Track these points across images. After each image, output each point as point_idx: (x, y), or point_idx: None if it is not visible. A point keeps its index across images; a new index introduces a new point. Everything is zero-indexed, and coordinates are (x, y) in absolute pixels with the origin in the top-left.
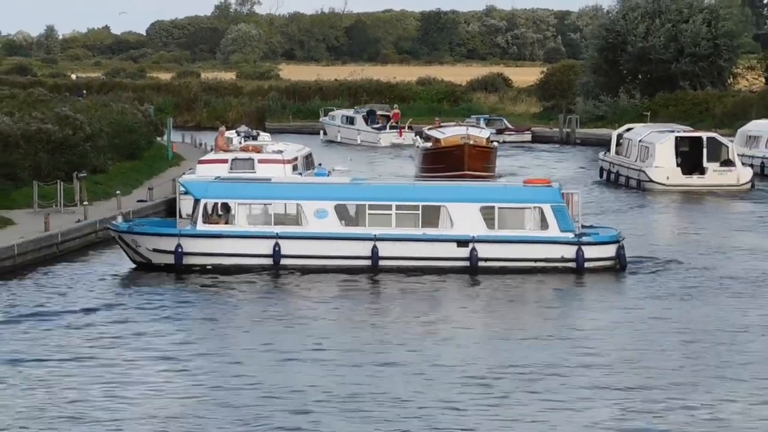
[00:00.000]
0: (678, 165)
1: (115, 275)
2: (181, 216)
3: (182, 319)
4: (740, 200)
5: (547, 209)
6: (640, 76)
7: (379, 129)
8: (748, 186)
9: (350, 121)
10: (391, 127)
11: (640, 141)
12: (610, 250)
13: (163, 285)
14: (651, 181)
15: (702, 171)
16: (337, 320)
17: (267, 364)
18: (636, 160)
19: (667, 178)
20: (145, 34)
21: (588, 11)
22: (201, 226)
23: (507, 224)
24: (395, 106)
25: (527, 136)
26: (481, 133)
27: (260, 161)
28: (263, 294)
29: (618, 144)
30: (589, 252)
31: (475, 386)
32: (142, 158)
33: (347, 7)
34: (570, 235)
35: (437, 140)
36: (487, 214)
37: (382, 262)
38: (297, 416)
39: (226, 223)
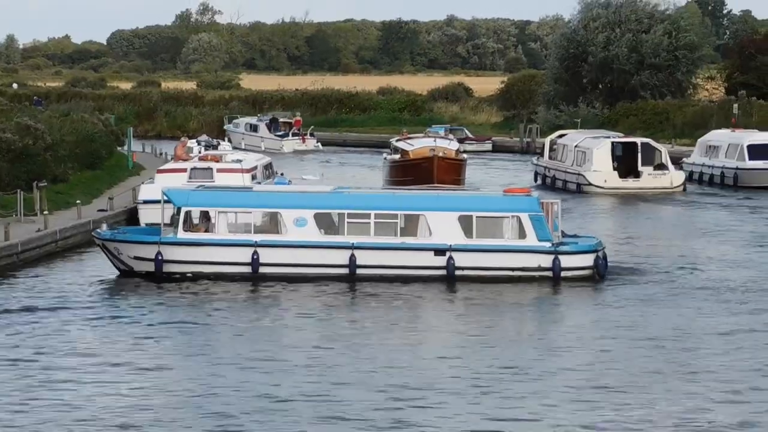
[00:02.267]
0: (614, 169)
1: (81, 284)
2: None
3: (144, 324)
4: (686, 204)
5: (525, 218)
6: (600, 86)
7: (281, 136)
8: (681, 188)
9: (254, 128)
10: (294, 134)
11: (576, 146)
12: (587, 260)
13: (133, 293)
14: (590, 184)
15: (637, 174)
16: (307, 328)
17: (234, 372)
18: (572, 165)
19: (605, 181)
20: (105, 44)
21: (548, 21)
22: (181, 234)
23: (485, 233)
24: (297, 113)
25: (488, 146)
26: (450, 144)
27: (219, 170)
28: (233, 303)
29: (551, 149)
30: (566, 261)
31: (447, 392)
32: (103, 168)
33: (308, 16)
34: (547, 245)
35: (405, 152)
36: (466, 223)
37: (359, 271)
38: (268, 422)
39: (206, 231)
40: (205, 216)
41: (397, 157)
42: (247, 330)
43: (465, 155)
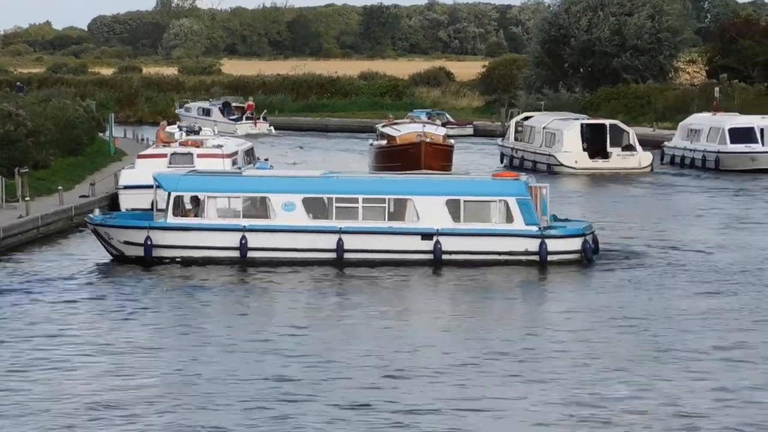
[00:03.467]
0: (584, 150)
1: (64, 269)
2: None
3: (129, 309)
4: (657, 185)
5: (512, 202)
6: (582, 70)
7: (235, 120)
8: (649, 169)
9: (206, 112)
10: (247, 118)
11: (544, 128)
12: (574, 243)
13: (119, 278)
14: (561, 164)
15: (606, 155)
16: (293, 311)
17: (220, 354)
18: (541, 146)
19: (575, 162)
20: (86, 30)
21: (530, 5)
22: (171, 219)
23: (472, 217)
24: (249, 98)
25: (469, 130)
26: (437, 130)
27: (199, 156)
28: (218, 287)
29: (517, 131)
30: (553, 245)
31: (434, 376)
32: (84, 154)
33: (289, 1)
34: (534, 229)
35: (392, 138)
36: (453, 208)
37: (347, 255)
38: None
39: (196, 216)
40: (195, 201)
41: (384, 142)
42: (233, 314)
43: (452, 141)
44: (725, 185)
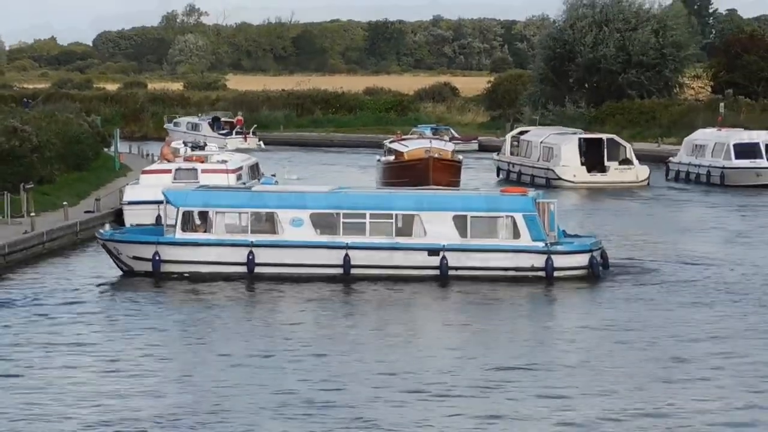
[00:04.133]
0: (582, 164)
1: (70, 284)
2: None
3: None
4: (655, 199)
5: (519, 218)
6: (587, 86)
7: (225, 135)
8: (646, 183)
9: (195, 127)
10: (237, 133)
11: (541, 142)
12: (581, 259)
13: (126, 293)
14: (559, 178)
15: (603, 169)
16: (300, 325)
17: (223, 372)
18: (539, 160)
19: (574, 176)
20: (91, 45)
21: (535, 21)
22: (179, 234)
23: (479, 233)
24: (239, 113)
25: (474, 146)
26: (445, 146)
27: (204, 171)
28: (221, 301)
29: (513, 146)
30: (560, 261)
31: (435, 392)
32: (90, 169)
33: (294, 17)
34: (541, 244)
35: (400, 153)
36: (460, 223)
37: (354, 271)
38: (262, 417)
39: (205, 231)
40: (204, 216)
41: (391, 158)
42: (237, 328)
43: (461, 156)
44: (729, 200)
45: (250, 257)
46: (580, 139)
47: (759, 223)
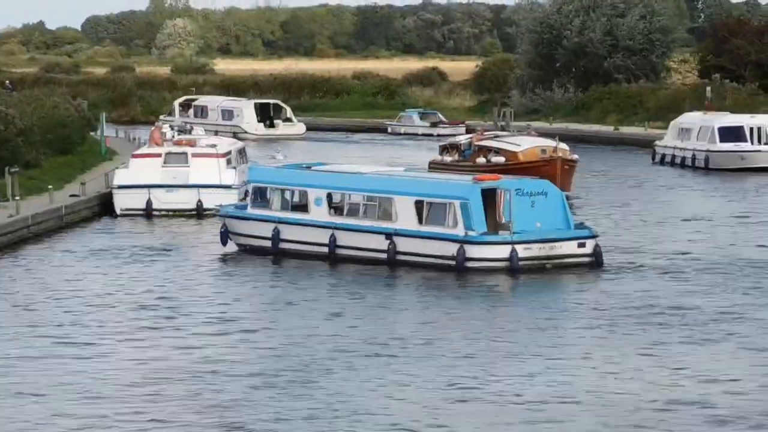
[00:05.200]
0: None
1: (56, 266)
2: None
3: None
4: (645, 182)
5: (457, 205)
6: (574, 70)
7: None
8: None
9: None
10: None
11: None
12: (499, 251)
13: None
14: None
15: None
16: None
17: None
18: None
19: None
20: (80, 29)
21: (524, 5)
22: (250, 210)
23: (433, 220)
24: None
25: (461, 130)
26: (559, 144)
27: (194, 155)
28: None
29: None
30: (472, 251)
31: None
32: (76, 153)
33: (283, 1)
34: (471, 233)
35: (513, 154)
36: (419, 209)
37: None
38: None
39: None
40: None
41: (501, 159)
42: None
43: (576, 156)
44: (711, 183)
45: (275, 233)
46: (255, 103)
47: (742, 206)
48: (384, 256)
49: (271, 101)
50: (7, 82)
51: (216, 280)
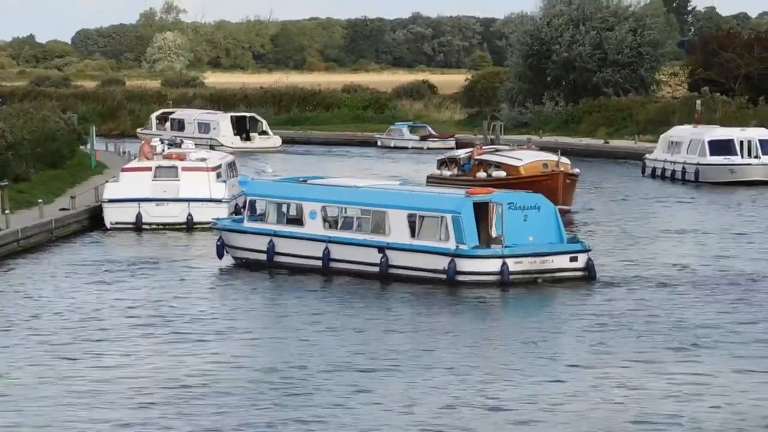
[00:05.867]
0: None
1: (46, 280)
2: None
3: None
4: (633, 196)
5: (448, 219)
6: (564, 83)
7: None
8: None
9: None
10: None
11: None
12: (489, 265)
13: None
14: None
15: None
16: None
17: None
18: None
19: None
20: (70, 43)
21: (514, 18)
22: (246, 223)
23: (424, 233)
24: None
25: (451, 143)
26: (561, 158)
27: (184, 169)
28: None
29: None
30: (463, 264)
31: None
32: (65, 167)
33: (273, 15)
34: (456, 247)
35: (514, 168)
36: (412, 222)
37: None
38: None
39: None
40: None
41: (503, 174)
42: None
43: (578, 170)
44: (701, 196)
45: (270, 246)
46: (231, 116)
47: (731, 219)
48: (377, 269)
49: (248, 114)
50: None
51: (210, 294)
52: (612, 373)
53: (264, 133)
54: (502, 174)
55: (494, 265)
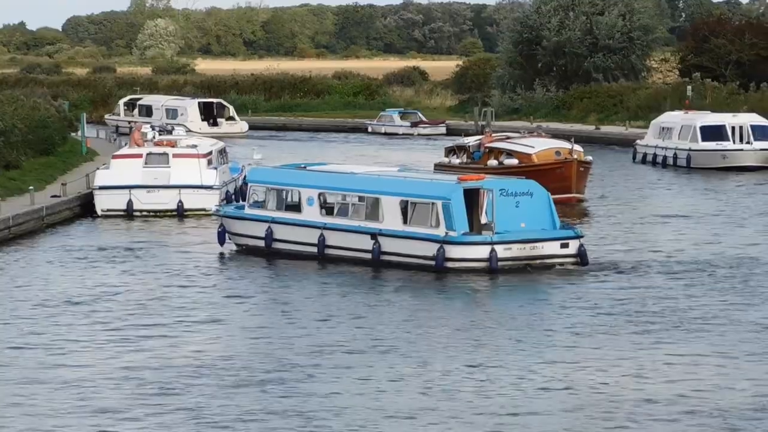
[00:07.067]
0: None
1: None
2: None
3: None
4: (627, 181)
5: (439, 206)
6: (555, 69)
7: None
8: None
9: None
10: None
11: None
12: (478, 251)
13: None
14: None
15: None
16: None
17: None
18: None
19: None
20: (61, 30)
21: (504, 4)
22: (247, 209)
23: (416, 220)
24: None
25: (442, 129)
26: (573, 145)
27: (175, 156)
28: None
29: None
30: (452, 251)
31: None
32: (56, 154)
33: (264, 1)
34: (445, 234)
35: (526, 156)
36: (404, 209)
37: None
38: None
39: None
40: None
41: (514, 162)
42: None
43: (590, 157)
44: (696, 183)
45: (268, 233)
46: (199, 102)
47: (723, 205)
48: (369, 256)
49: (215, 100)
50: None
51: (204, 280)
52: (601, 358)
53: (231, 118)
54: (515, 162)
55: (483, 251)
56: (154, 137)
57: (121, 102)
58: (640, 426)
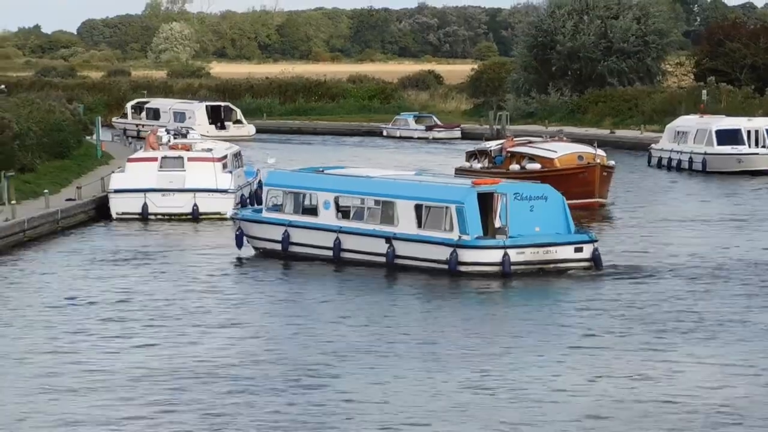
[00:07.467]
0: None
1: (52, 270)
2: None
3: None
4: (642, 185)
5: (453, 210)
6: (569, 73)
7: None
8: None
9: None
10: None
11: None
12: (491, 255)
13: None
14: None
15: (224, 126)
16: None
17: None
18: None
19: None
20: (76, 33)
21: (519, 8)
22: (265, 213)
23: (431, 224)
24: None
25: (457, 133)
26: (596, 150)
27: (190, 159)
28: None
29: None
30: (465, 255)
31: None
32: (71, 157)
33: (279, 5)
34: (458, 237)
35: (549, 160)
36: (419, 213)
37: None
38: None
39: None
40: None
41: (537, 166)
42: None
43: (613, 162)
44: (709, 186)
45: (285, 236)
46: (207, 106)
47: (740, 209)
48: (384, 259)
49: (222, 104)
50: (2, 86)
51: (221, 284)
52: (615, 362)
53: (238, 122)
54: (537, 166)
55: (496, 255)
56: (169, 141)
57: (129, 105)
58: (658, 429)
